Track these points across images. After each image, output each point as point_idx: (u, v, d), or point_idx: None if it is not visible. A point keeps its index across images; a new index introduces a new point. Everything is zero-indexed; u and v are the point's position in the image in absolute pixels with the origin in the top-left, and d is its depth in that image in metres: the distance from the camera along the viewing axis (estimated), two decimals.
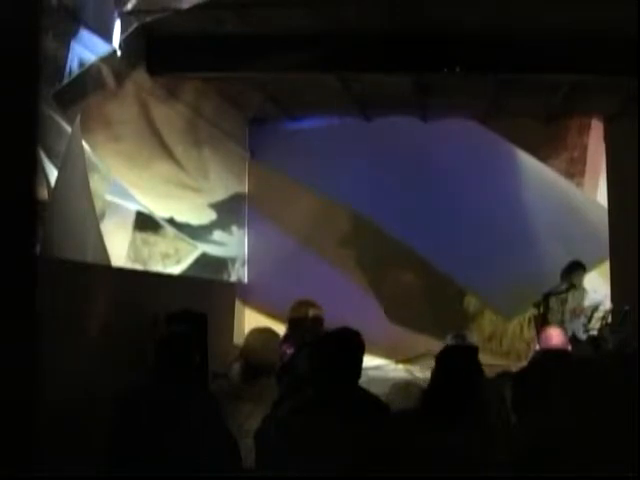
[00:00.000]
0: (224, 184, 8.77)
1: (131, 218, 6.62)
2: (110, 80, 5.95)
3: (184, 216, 7.67)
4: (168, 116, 7.14)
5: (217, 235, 8.57)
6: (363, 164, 9.28)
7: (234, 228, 9.13)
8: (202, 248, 8.11)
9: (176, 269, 7.51)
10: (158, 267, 7.14)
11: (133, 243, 6.69)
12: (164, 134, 7.04)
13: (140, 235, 6.81)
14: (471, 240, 9.02)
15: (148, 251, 6.97)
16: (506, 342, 9.21)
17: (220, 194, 8.63)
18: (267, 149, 9.41)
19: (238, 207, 9.26)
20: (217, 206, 8.49)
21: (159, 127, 6.94)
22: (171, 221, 7.40)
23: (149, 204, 6.86)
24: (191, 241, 7.85)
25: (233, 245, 9.09)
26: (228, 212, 8.82)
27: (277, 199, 9.36)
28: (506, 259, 8.93)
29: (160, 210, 7.13)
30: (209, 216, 8.35)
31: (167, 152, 7.17)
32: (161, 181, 7.13)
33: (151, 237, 7.05)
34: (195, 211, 7.99)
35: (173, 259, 7.50)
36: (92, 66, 5.62)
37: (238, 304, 9.05)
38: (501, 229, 9.06)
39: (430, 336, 8.23)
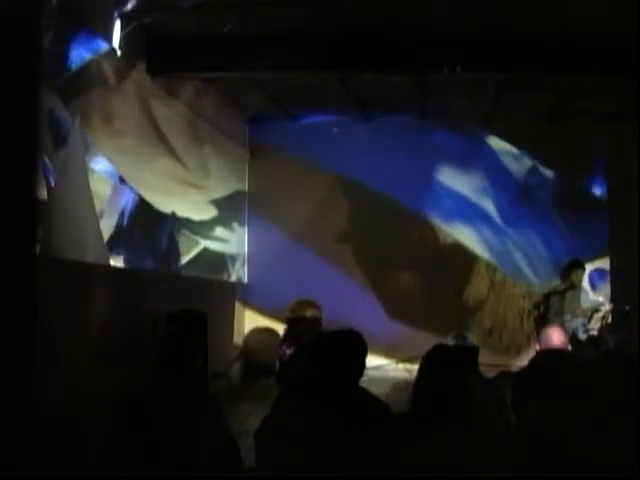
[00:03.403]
0: (224, 182, 8.80)
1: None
2: (111, 75, 5.95)
3: (185, 212, 7.69)
4: (168, 115, 7.15)
5: (218, 231, 8.61)
6: (363, 162, 9.30)
7: (235, 225, 9.15)
8: (204, 243, 8.15)
9: (179, 261, 7.55)
10: None
11: None
12: (165, 131, 7.06)
13: None
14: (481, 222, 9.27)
15: None
16: (506, 335, 9.22)
17: (221, 191, 8.66)
18: (267, 149, 9.42)
19: (239, 205, 9.28)
20: (218, 203, 8.52)
21: (160, 125, 6.95)
22: (172, 216, 7.41)
23: (151, 199, 6.88)
24: (193, 236, 7.87)
25: (234, 241, 9.11)
26: (229, 209, 8.85)
27: (277, 199, 9.37)
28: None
29: (162, 205, 7.14)
30: (210, 212, 8.38)
31: (168, 149, 7.18)
32: (162, 177, 7.15)
33: None
34: (196, 207, 8.02)
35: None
36: (92, 61, 5.61)
37: (238, 304, 9.05)
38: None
39: (430, 332, 8.25)
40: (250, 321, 8.74)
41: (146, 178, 6.74)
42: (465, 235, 9.34)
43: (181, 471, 2.98)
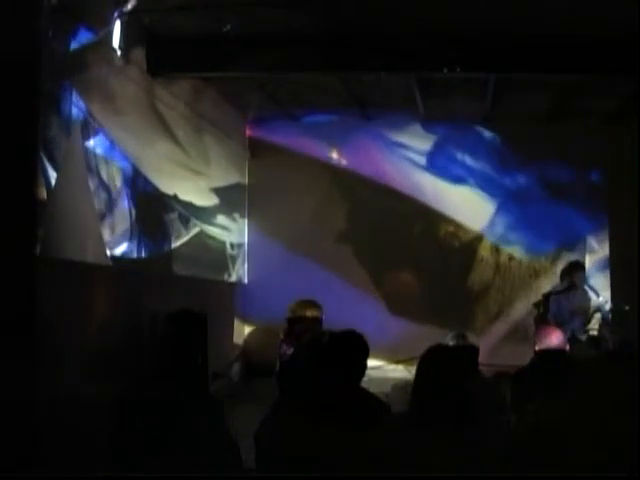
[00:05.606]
0: (225, 173, 8.83)
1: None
2: (112, 56, 5.93)
3: (187, 196, 7.72)
4: (170, 113, 7.16)
5: (220, 218, 8.67)
6: (362, 162, 9.30)
7: (236, 215, 9.20)
8: (205, 229, 8.20)
9: (175, 244, 7.59)
10: None
11: None
12: (166, 118, 7.09)
13: None
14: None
15: None
16: (514, 318, 9.17)
17: (222, 181, 8.69)
18: (267, 148, 9.43)
19: (239, 197, 9.32)
20: (219, 191, 8.55)
21: (160, 111, 6.99)
22: (175, 199, 7.44)
23: (153, 180, 6.91)
24: (194, 220, 7.89)
25: (235, 230, 9.15)
26: (230, 199, 8.89)
27: (277, 198, 9.37)
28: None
29: (164, 187, 7.17)
30: (211, 199, 8.43)
31: (169, 133, 7.21)
32: (164, 159, 7.18)
33: None
34: (198, 192, 8.05)
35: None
36: (93, 45, 5.60)
37: (238, 305, 9.04)
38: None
39: (434, 326, 8.25)
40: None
41: (148, 158, 6.77)
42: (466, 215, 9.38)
43: (181, 471, 2.98)
